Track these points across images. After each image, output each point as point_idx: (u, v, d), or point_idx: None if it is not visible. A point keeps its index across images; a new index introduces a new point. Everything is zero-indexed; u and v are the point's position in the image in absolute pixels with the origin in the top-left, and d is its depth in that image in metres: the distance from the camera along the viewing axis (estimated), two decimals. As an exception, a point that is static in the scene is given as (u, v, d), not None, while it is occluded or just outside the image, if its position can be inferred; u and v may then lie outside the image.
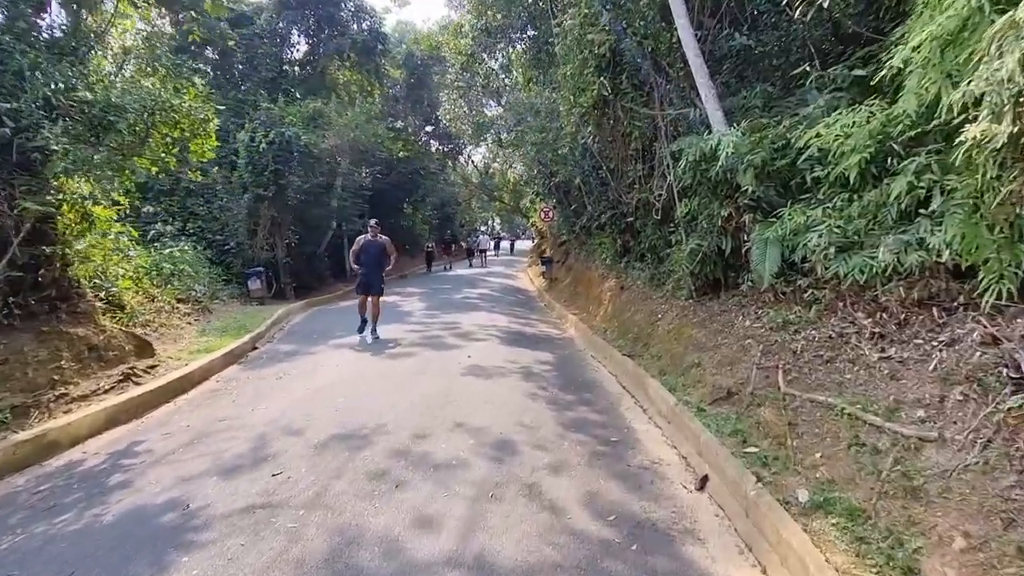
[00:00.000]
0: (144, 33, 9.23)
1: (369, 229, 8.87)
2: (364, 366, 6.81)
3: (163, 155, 6.05)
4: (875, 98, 4.54)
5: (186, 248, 12.12)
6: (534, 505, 3.27)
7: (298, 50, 19.25)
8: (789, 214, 4.94)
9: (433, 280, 21.27)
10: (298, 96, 18.78)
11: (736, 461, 3.46)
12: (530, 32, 12.19)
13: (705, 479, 3.64)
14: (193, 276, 11.35)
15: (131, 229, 9.11)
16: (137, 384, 5.73)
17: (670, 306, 7.49)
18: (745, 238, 5.64)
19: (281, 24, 18.23)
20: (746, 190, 5.33)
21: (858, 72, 5.03)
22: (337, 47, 18.62)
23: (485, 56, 14.55)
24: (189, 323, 9.09)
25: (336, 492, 3.39)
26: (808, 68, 5.33)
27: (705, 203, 6.11)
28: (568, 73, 7.44)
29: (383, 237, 8.86)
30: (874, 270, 4.02)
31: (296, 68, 19.25)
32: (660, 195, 7.09)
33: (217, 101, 17.35)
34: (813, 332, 4.52)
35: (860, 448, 3.23)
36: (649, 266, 8.68)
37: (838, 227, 4.33)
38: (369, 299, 8.62)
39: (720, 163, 5.39)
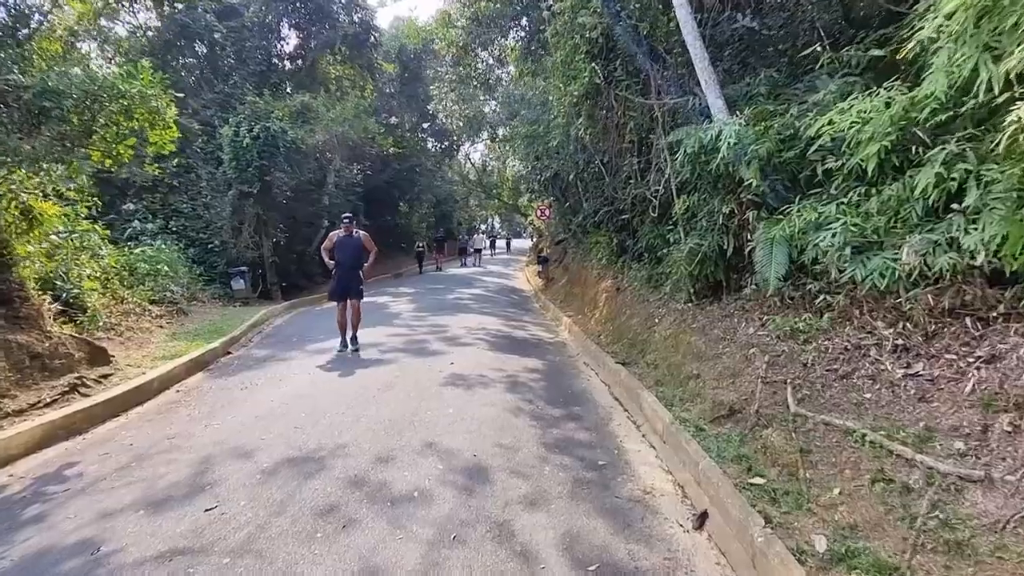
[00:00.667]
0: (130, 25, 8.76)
1: (342, 225, 7.73)
2: (336, 375, 6.32)
3: (115, 146, 5.55)
4: (896, 80, 4.05)
5: (162, 247, 11.63)
6: (503, 551, 2.78)
7: (288, 43, 18.79)
8: (798, 211, 4.46)
9: (427, 280, 20.78)
10: (288, 91, 18.30)
11: (740, 497, 2.97)
12: (523, 22, 11.71)
13: (704, 516, 3.15)
14: (171, 276, 10.86)
15: (98, 227, 8.60)
16: (85, 396, 5.25)
17: (668, 310, 7.00)
18: (749, 237, 5.15)
19: (270, 17, 17.72)
20: (750, 184, 4.84)
21: (875, 52, 4.53)
22: (328, 40, 18.09)
23: (477, 48, 14.04)
24: (160, 326, 8.61)
25: (273, 533, 2.91)
26: (820, 48, 4.84)
27: (705, 199, 5.63)
28: (558, 60, 6.94)
29: (360, 232, 7.81)
30: (896, 274, 3.54)
31: (286, 62, 18.73)
32: (657, 191, 6.61)
33: (204, 95, 16.92)
34: (826, 342, 4.03)
35: (887, 485, 2.74)
36: (646, 266, 8.19)
37: (855, 225, 3.84)
38: (348, 304, 7.62)
39: (721, 155, 4.90)
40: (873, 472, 2.86)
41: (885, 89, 3.97)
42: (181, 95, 6.92)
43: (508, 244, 49.02)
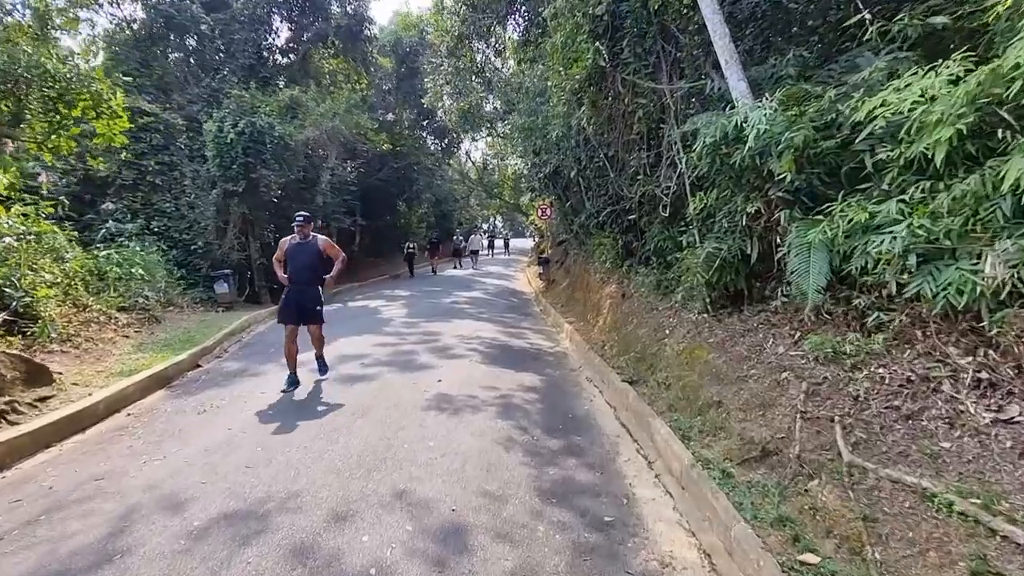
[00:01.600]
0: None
1: (295, 227, 5.80)
2: (308, 396, 5.64)
3: (53, 136, 4.86)
4: (967, 52, 3.33)
5: (138, 248, 10.96)
6: (478, 666, 2.09)
7: (279, 36, 18.04)
8: (841, 210, 3.74)
9: (424, 283, 20.06)
10: (281, 86, 17.63)
11: (791, 585, 2.26)
12: (521, 9, 10.98)
13: (742, 606, 2.44)
14: (147, 280, 10.21)
15: (57, 229, 7.92)
16: (13, 424, 4.57)
17: (680, 320, 6.30)
18: (778, 241, 4.44)
19: (261, 8, 16.98)
20: (782, 178, 4.12)
21: (938, 20, 3.80)
22: (320, 32, 17.37)
23: (473, 37, 13.27)
24: (126, 336, 7.93)
25: (177, 636, 2.22)
26: (868, 17, 4.11)
27: (726, 197, 4.92)
28: (558, 42, 6.21)
29: (319, 236, 5.97)
30: (978, 289, 2.82)
31: (278, 55, 18.02)
32: (669, 188, 5.89)
33: (191, 90, 16.27)
34: (881, 371, 3.32)
35: (995, 582, 2.03)
36: (655, 271, 7.48)
37: (920, 227, 3.12)
38: (307, 330, 5.94)
39: (748, 145, 4.19)
40: (971, 559, 2.15)
41: (954, 61, 3.26)
42: (142, 88, 6.21)
43: (506, 244, 44.96)
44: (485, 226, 58.31)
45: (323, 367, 6.24)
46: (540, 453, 4.19)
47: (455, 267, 26.49)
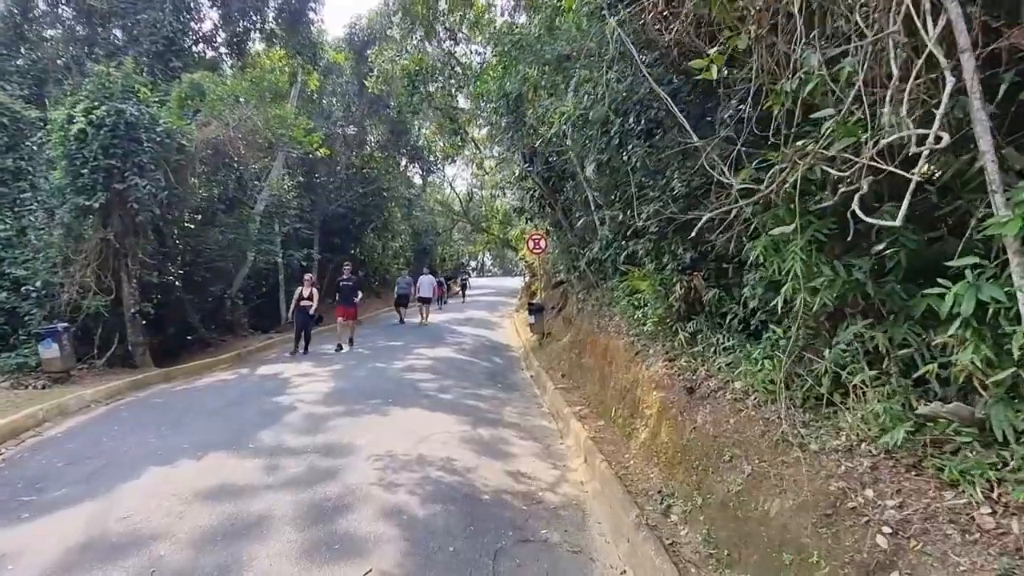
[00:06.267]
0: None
1: None
2: None
3: None
4: None
5: None
6: None
7: (203, 21, 14.36)
8: None
9: (380, 331, 15.81)
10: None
11: None
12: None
13: None
14: None
15: None
16: None
17: (907, 504, 2.34)
18: None
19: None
20: None
21: None
22: (254, 8, 13.72)
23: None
24: None
25: None
26: None
27: None
28: None
29: None
30: None
31: (202, 46, 14.32)
32: (846, 172, 2.01)
33: (73, 78, 12.53)
34: None
35: None
36: (776, 353, 3.55)
37: None
38: None
39: None
40: None
41: None
42: None
43: (463, 287, 30.37)
44: (472, 264, 54.27)
45: None
46: None
47: (399, 322, 17.31)
